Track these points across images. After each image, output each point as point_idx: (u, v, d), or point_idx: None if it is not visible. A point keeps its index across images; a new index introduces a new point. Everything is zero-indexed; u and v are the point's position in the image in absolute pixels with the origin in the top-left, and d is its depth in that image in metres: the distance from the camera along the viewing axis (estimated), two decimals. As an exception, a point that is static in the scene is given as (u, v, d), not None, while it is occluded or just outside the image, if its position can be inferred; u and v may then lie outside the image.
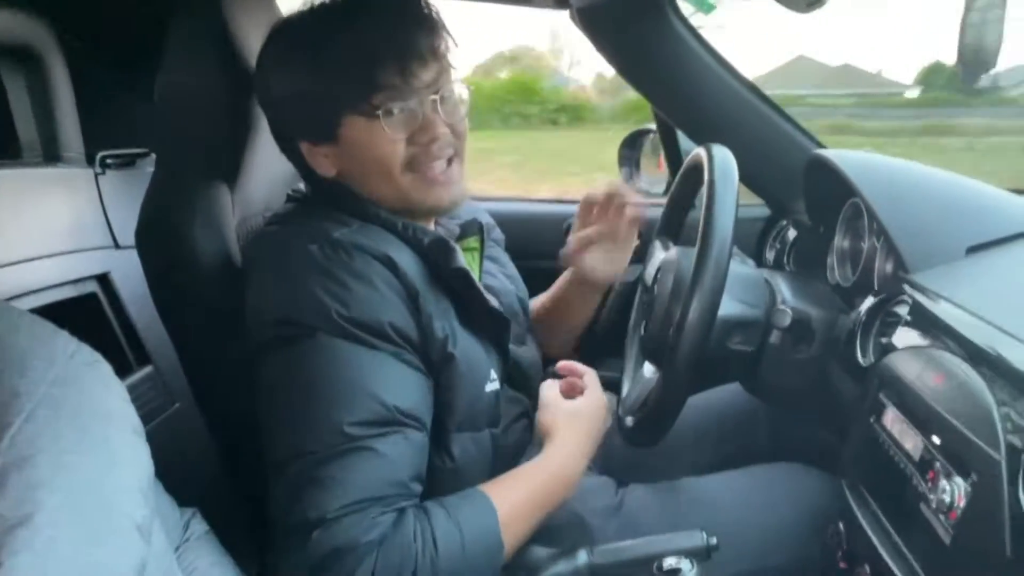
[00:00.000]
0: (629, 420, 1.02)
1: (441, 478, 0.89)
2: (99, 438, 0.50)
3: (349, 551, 0.74)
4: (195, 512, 0.70)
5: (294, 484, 0.78)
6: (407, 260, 0.88)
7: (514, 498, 0.86)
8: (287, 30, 0.93)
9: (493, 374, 0.95)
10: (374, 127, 0.88)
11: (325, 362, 0.81)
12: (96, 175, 1.42)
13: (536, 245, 1.35)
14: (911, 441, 0.72)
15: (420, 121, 0.90)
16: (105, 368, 0.54)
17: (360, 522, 0.75)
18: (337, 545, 0.74)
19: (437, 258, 0.91)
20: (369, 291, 0.84)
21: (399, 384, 0.83)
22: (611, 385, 1.31)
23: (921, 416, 0.71)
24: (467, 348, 0.91)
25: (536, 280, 1.27)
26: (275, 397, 0.84)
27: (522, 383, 1.12)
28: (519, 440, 1.12)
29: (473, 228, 1.09)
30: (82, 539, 0.45)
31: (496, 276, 1.14)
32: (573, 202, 1.92)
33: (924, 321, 0.80)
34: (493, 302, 0.96)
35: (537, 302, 1.27)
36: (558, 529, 0.97)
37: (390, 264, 0.86)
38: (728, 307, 0.94)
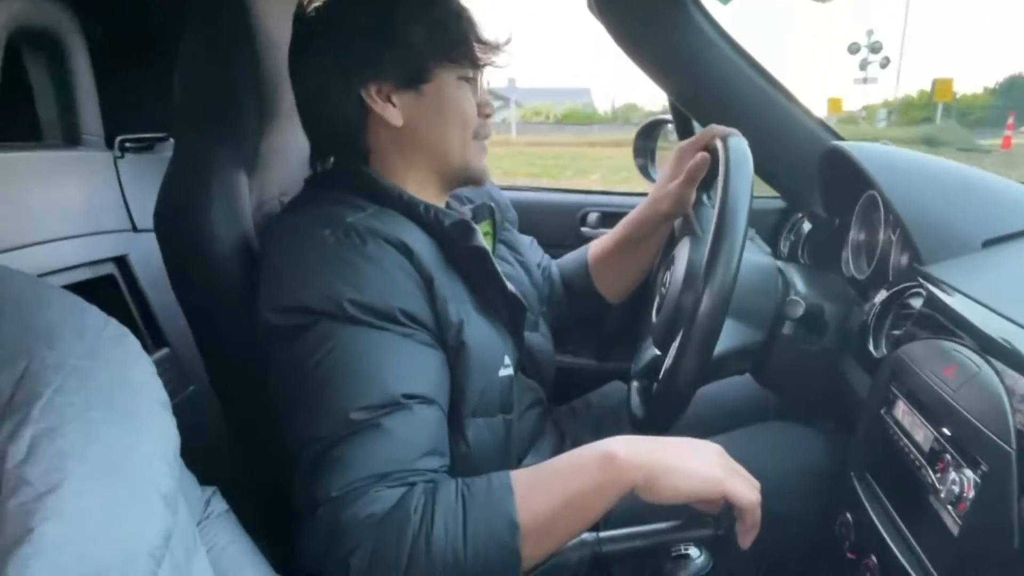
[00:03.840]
0: (639, 409, 1.02)
1: (457, 463, 0.89)
2: (127, 409, 0.51)
3: (350, 526, 0.75)
4: (215, 491, 0.71)
5: (305, 470, 0.80)
6: (422, 244, 0.89)
7: (537, 478, 0.79)
8: None
9: (507, 360, 0.95)
10: (463, 85, 0.95)
11: (334, 349, 0.81)
12: (115, 159, 1.44)
13: (551, 234, 1.35)
14: (921, 433, 0.72)
15: (484, 95, 0.99)
16: (133, 342, 0.56)
17: (361, 497, 0.76)
18: (339, 520, 0.75)
19: (457, 239, 0.91)
20: (381, 275, 0.84)
21: (408, 365, 0.83)
22: (626, 376, 1.31)
23: (932, 408, 0.71)
24: (481, 334, 0.91)
25: (550, 269, 1.28)
26: (287, 384, 0.85)
27: (535, 370, 1.12)
28: (534, 427, 1.13)
29: (485, 212, 1.09)
30: (110, 507, 0.46)
31: (510, 262, 1.15)
32: (588, 192, 1.92)
33: (938, 313, 0.80)
34: (509, 286, 0.96)
35: (598, 246, 1.29)
36: None
37: (404, 249, 0.87)
38: (739, 299, 0.94)
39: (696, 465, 0.76)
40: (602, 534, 0.82)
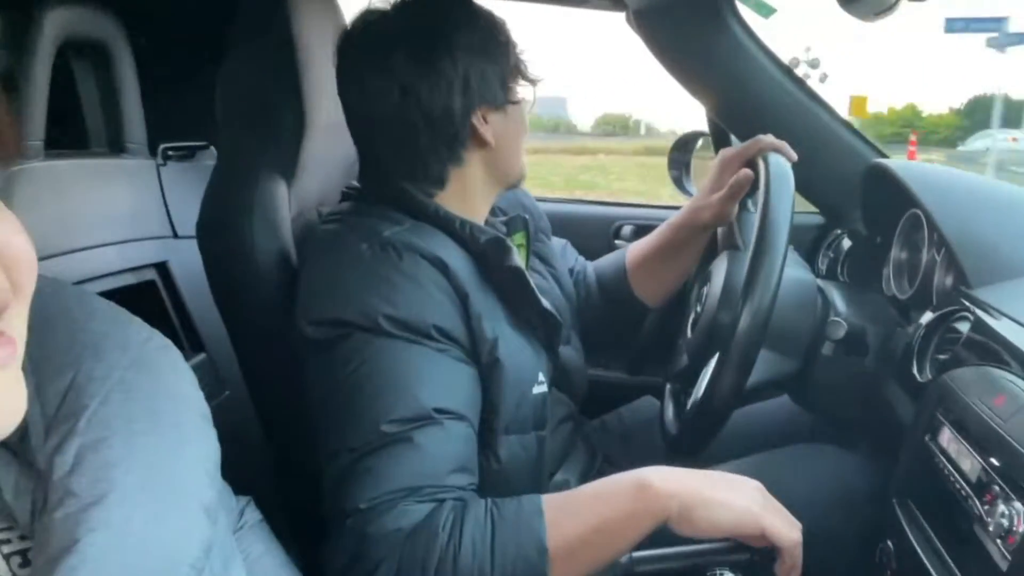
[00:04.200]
0: (673, 427, 1.01)
1: (488, 480, 0.89)
2: (170, 421, 0.51)
3: (377, 539, 0.75)
4: (249, 500, 0.71)
5: (335, 479, 0.80)
6: (458, 260, 0.89)
7: (569, 503, 0.79)
8: (477, 10, 0.96)
9: (541, 376, 0.94)
10: (523, 98, 0.99)
11: (367, 360, 0.82)
12: (158, 166, 1.47)
13: (584, 247, 1.34)
14: (968, 462, 0.70)
15: None
16: (176, 354, 0.56)
17: (390, 511, 0.76)
18: (367, 533, 0.75)
19: (492, 257, 0.91)
20: (417, 291, 0.84)
21: (440, 380, 0.83)
22: (658, 391, 1.30)
23: (980, 437, 0.69)
24: (515, 351, 0.91)
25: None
26: (320, 394, 0.85)
27: (566, 384, 1.11)
28: (565, 442, 1.12)
29: (518, 224, 1.09)
30: (153, 518, 0.47)
31: (543, 275, 1.14)
32: (621, 204, 1.92)
33: (986, 339, 0.78)
34: (545, 303, 0.95)
35: (636, 250, 1.26)
36: None
37: (440, 265, 0.87)
38: (778, 318, 0.92)
39: (734, 499, 0.74)
40: (635, 554, 0.81)
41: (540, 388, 0.94)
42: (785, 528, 0.74)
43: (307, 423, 0.87)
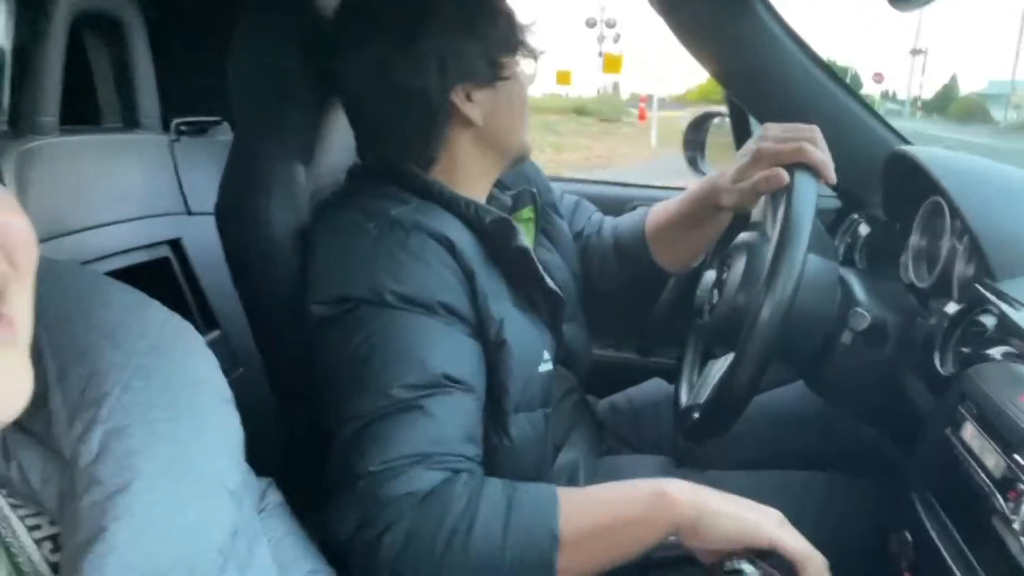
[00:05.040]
0: (691, 414, 1.01)
1: (498, 457, 0.90)
2: (191, 406, 0.51)
3: (390, 502, 0.75)
4: (271, 482, 0.72)
5: (345, 444, 0.80)
6: (465, 239, 0.89)
7: (584, 498, 0.80)
8: None
9: (546, 355, 0.95)
10: (520, 72, 0.97)
11: (376, 331, 0.82)
12: (171, 142, 1.46)
13: None
14: (992, 458, 0.69)
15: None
16: (195, 337, 0.56)
17: (403, 474, 0.76)
18: (379, 495, 0.75)
19: (498, 237, 0.91)
20: (423, 269, 0.85)
21: (449, 350, 0.84)
22: (667, 373, 1.30)
23: (1005, 433, 0.69)
24: (520, 330, 0.91)
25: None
26: (330, 367, 0.85)
27: (570, 360, 1.12)
28: (570, 415, 1.13)
29: (526, 198, 1.08)
30: (178, 504, 0.47)
31: (550, 250, 1.13)
32: (634, 185, 1.90)
33: (1011, 333, 0.78)
34: (550, 283, 0.96)
35: (656, 217, 1.18)
36: None
37: (447, 244, 0.87)
38: (798, 304, 0.91)
39: (745, 513, 0.74)
40: None
41: (546, 366, 0.95)
42: (800, 541, 0.73)
43: (321, 401, 0.87)
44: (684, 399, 1.10)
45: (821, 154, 0.93)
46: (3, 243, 0.40)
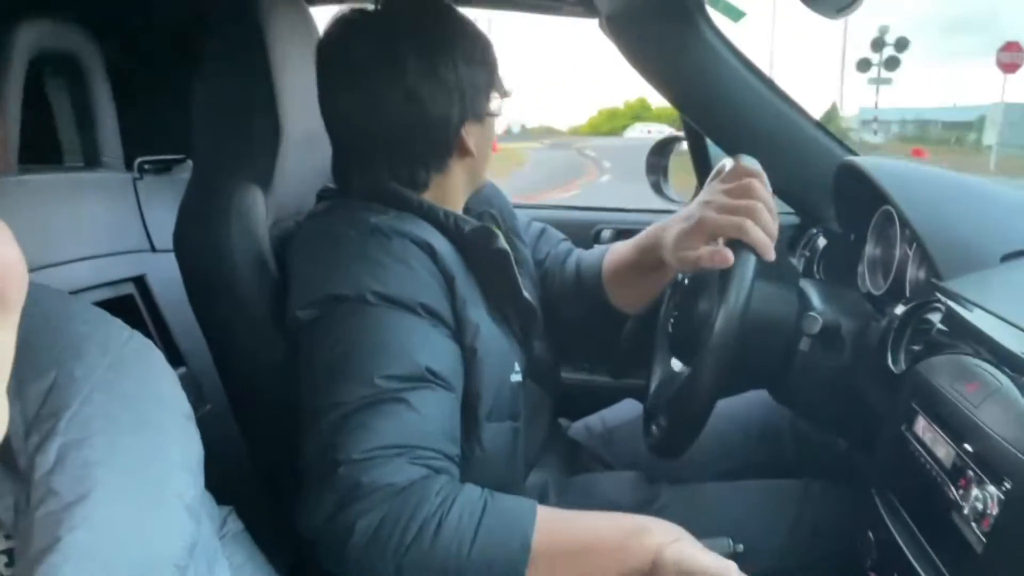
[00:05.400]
0: (655, 430, 1.02)
1: (472, 466, 0.90)
2: (152, 420, 0.52)
3: (369, 490, 0.75)
4: (231, 510, 0.71)
5: (325, 432, 0.80)
6: (444, 247, 0.91)
7: (565, 516, 0.80)
8: (469, 22, 0.97)
9: (517, 366, 0.96)
10: (495, 107, 1.00)
11: (359, 325, 0.83)
12: (134, 180, 1.46)
13: None
14: (943, 449, 0.71)
15: None
16: (156, 354, 0.56)
17: (386, 464, 0.76)
18: (361, 482, 0.75)
19: (479, 244, 0.93)
20: (405, 271, 0.86)
21: (431, 347, 0.85)
22: (640, 393, 1.31)
23: (954, 424, 0.70)
24: (494, 339, 0.92)
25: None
26: (312, 365, 0.85)
27: (541, 378, 1.12)
28: (541, 437, 1.13)
29: (486, 219, 1.10)
30: (136, 517, 0.47)
31: (521, 272, 1.14)
32: (602, 209, 1.93)
33: (957, 329, 0.80)
34: (526, 293, 0.98)
35: (615, 256, 1.15)
36: None
37: (428, 249, 0.88)
38: (756, 311, 0.93)
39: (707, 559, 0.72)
40: None
41: (516, 377, 0.96)
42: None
43: (289, 434, 0.86)
44: (652, 418, 1.11)
45: (761, 235, 0.88)
46: None
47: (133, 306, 1.39)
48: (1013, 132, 18.76)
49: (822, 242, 1.37)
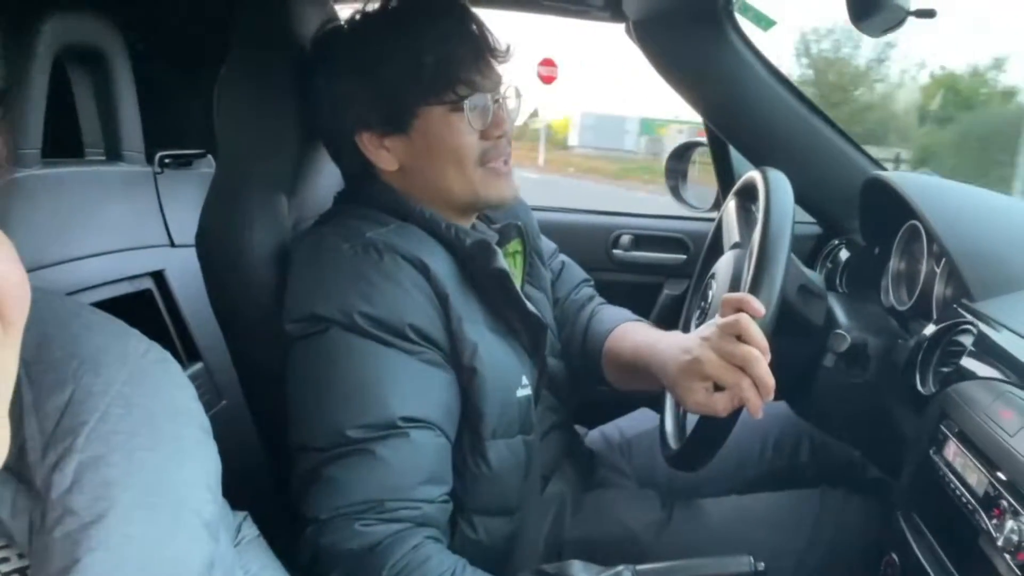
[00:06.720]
0: (674, 444, 1.01)
1: (479, 484, 0.90)
2: (170, 435, 0.51)
3: (329, 554, 0.78)
4: (246, 516, 0.71)
5: (301, 479, 0.82)
6: (440, 262, 0.89)
7: None
8: (356, 27, 0.94)
9: (525, 380, 0.94)
10: (452, 119, 0.89)
11: (339, 359, 0.83)
12: (155, 174, 1.46)
13: (583, 257, 1.34)
14: (975, 476, 0.70)
15: (491, 117, 0.91)
16: (175, 367, 0.55)
17: (345, 527, 0.78)
18: (320, 545, 0.79)
19: (478, 259, 0.91)
20: (395, 290, 0.85)
21: (412, 386, 0.84)
22: (654, 401, 1.30)
23: (987, 451, 0.69)
24: (497, 355, 0.91)
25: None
26: (295, 389, 0.87)
27: (558, 392, 1.11)
28: (556, 450, 1.12)
29: (512, 232, 1.08)
30: (154, 536, 0.46)
31: (537, 288, 1.13)
32: (620, 214, 1.91)
33: (989, 351, 0.78)
34: (529, 306, 0.95)
35: (616, 345, 1.10)
36: (606, 543, 0.97)
37: (421, 267, 0.87)
38: (781, 325, 0.92)
39: None
40: (639, 567, 0.81)
41: (524, 391, 0.94)
42: None
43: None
44: (670, 428, 1.10)
45: (754, 396, 0.83)
46: None
47: (151, 301, 1.39)
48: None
49: (844, 254, 1.36)
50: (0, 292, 0.39)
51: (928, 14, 0.95)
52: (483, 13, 0.95)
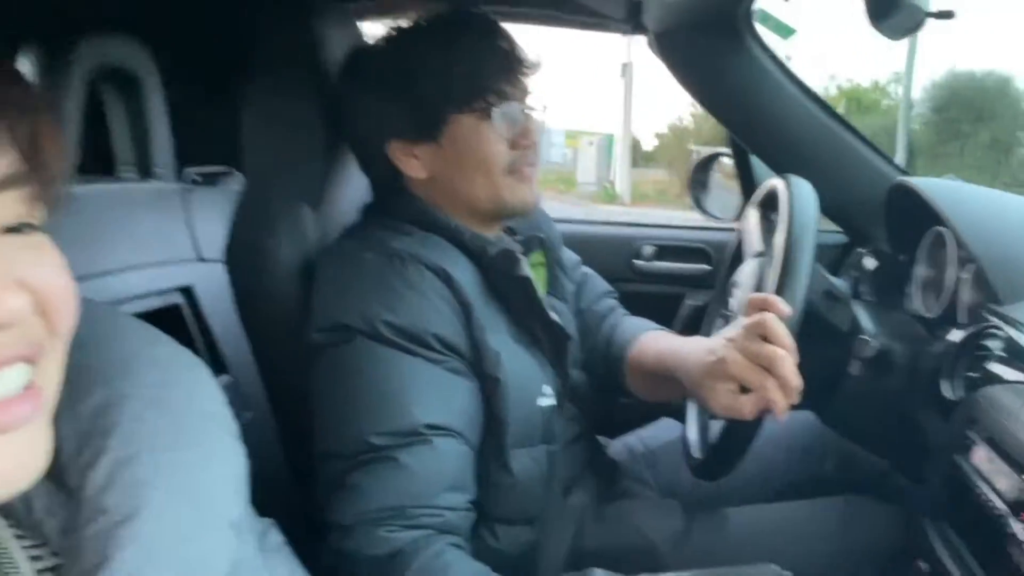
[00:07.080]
0: (698, 453, 1.00)
1: (501, 493, 0.90)
2: (199, 438, 0.52)
3: (352, 559, 0.78)
4: (272, 523, 0.72)
5: (326, 486, 0.84)
6: (463, 272, 0.90)
7: None
8: (391, 42, 0.97)
9: (547, 389, 0.94)
10: (482, 127, 0.91)
11: (363, 368, 0.84)
12: (184, 191, 1.48)
13: (604, 268, 1.34)
14: (1005, 481, 0.69)
15: (520, 126, 0.93)
16: (204, 371, 0.57)
17: (369, 533, 0.79)
18: (343, 550, 0.79)
19: (501, 268, 0.92)
20: (418, 299, 0.86)
21: (436, 394, 0.85)
22: (676, 411, 1.29)
23: (1017, 455, 0.68)
24: (519, 364, 0.91)
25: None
26: (320, 398, 0.88)
27: (581, 404, 1.11)
28: (579, 460, 1.12)
29: (535, 244, 1.09)
30: (181, 535, 0.47)
31: (560, 298, 1.13)
32: (643, 225, 1.91)
33: (1018, 355, 0.77)
34: (552, 315, 0.96)
35: (640, 354, 1.10)
36: (628, 553, 0.96)
37: (445, 276, 0.88)
38: (805, 332, 0.91)
39: None
40: None
41: (547, 400, 0.94)
42: None
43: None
44: (693, 437, 1.09)
45: (780, 396, 0.81)
46: (44, 305, 0.39)
47: (179, 315, 1.41)
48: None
49: (870, 263, 1.34)
50: (48, 302, 0.40)
51: (946, 15, 0.94)
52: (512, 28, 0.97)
